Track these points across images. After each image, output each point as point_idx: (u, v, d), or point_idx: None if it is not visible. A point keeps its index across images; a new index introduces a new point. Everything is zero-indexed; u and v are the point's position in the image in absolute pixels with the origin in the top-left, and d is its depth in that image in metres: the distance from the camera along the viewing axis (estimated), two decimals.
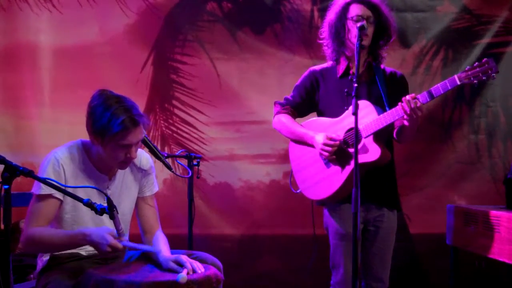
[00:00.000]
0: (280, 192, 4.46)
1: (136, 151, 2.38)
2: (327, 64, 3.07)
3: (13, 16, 4.56)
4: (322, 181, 2.93)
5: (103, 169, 2.44)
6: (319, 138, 2.88)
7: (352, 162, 2.47)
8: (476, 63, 2.65)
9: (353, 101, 2.48)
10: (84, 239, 2.22)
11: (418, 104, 2.67)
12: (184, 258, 2.30)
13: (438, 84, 2.68)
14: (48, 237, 2.28)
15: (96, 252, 2.34)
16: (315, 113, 3.13)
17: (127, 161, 2.39)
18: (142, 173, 2.57)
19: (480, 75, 2.64)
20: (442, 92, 2.68)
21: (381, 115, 2.77)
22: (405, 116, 2.71)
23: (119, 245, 2.19)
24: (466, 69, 2.65)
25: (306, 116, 3.15)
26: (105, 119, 2.25)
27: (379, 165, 2.82)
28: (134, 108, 2.30)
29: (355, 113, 2.47)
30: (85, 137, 2.41)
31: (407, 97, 2.68)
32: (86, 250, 2.46)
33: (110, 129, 2.24)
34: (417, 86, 4.26)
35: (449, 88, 2.66)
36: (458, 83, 2.64)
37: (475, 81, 2.64)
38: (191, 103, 4.62)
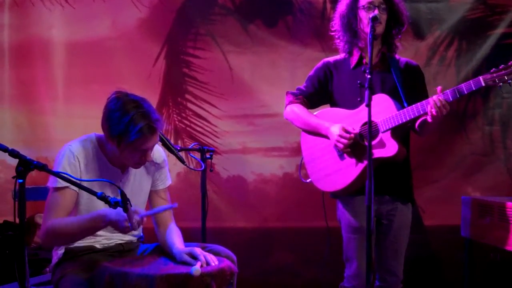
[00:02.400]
0: (293, 185, 4.45)
1: (151, 154, 2.39)
2: (340, 56, 3.05)
3: (26, 11, 4.58)
4: (335, 173, 2.92)
5: (117, 163, 2.45)
6: (335, 130, 2.86)
7: (367, 156, 2.46)
8: (502, 65, 2.61)
9: (366, 92, 2.47)
10: (103, 220, 2.22)
11: (444, 103, 2.63)
12: (198, 250, 2.30)
13: (463, 84, 2.64)
14: (66, 225, 2.29)
15: (111, 245, 2.36)
16: (325, 105, 3.12)
17: (141, 163, 2.40)
18: (155, 166, 2.57)
19: (506, 78, 2.59)
20: (466, 93, 2.64)
21: (401, 110, 2.74)
22: (429, 118, 2.67)
23: (137, 218, 2.20)
24: (492, 71, 2.61)
25: (317, 108, 3.13)
26: (123, 126, 2.24)
27: (395, 161, 2.80)
28: (152, 113, 2.29)
29: (368, 105, 2.46)
30: (99, 131, 2.42)
31: (434, 98, 2.64)
32: (100, 243, 2.48)
33: (127, 136, 2.24)
34: (431, 77, 4.22)
35: (474, 89, 2.62)
36: (483, 84, 2.60)
37: (500, 84, 2.61)
38: (203, 96, 4.62)
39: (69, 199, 2.36)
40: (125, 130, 2.24)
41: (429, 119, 2.70)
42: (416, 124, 2.87)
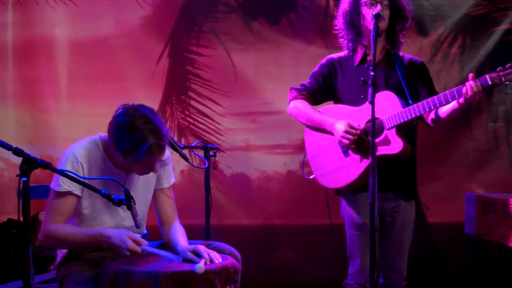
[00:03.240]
0: (297, 183, 4.44)
1: (157, 167, 2.39)
2: (344, 53, 3.04)
3: (30, 10, 4.59)
4: (339, 169, 2.91)
5: (121, 166, 2.45)
6: (340, 126, 2.85)
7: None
8: (508, 64, 2.59)
9: (370, 90, 2.46)
10: (104, 241, 2.24)
11: (480, 89, 2.58)
12: (201, 248, 2.30)
13: (493, 73, 2.61)
14: (66, 236, 2.31)
15: None
16: (329, 102, 3.11)
17: (147, 173, 2.41)
18: (159, 163, 2.57)
19: None
20: (490, 83, 2.60)
21: (407, 108, 2.73)
22: (462, 101, 2.61)
23: (138, 249, 2.21)
24: (498, 69, 2.58)
25: (320, 105, 3.13)
26: (132, 143, 2.22)
27: (399, 158, 2.79)
28: (161, 129, 2.27)
29: (371, 102, 2.45)
30: (103, 130, 2.41)
31: (471, 82, 2.59)
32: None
33: (135, 154, 2.24)
34: (435, 73, 4.18)
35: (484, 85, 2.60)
36: (490, 83, 2.58)
37: (506, 83, 2.59)
38: (207, 94, 4.62)
39: (70, 204, 2.36)
40: (133, 148, 2.23)
41: (457, 104, 2.65)
42: (429, 119, 2.86)
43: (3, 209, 4.37)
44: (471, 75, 2.63)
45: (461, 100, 2.62)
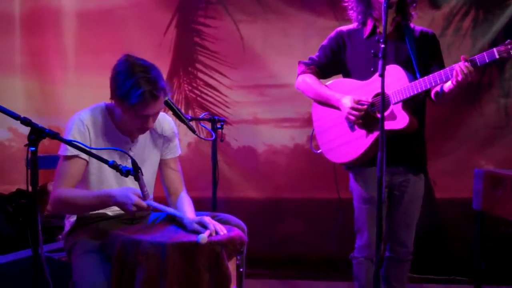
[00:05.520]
0: (304, 156, 4.44)
1: (153, 122, 2.38)
2: (354, 25, 3.00)
3: None
4: (346, 144, 2.91)
5: (126, 131, 2.45)
6: (346, 101, 2.84)
7: (378, 127, 2.43)
8: None
9: (380, 62, 2.43)
10: (110, 200, 2.24)
11: (470, 69, 2.55)
12: (207, 219, 2.31)
13: (476, 56, 2.58)
14: (74, 198, 2.31)
15: (122, 213, 2.37)
16: (338, 75, 3.09)
17: (143, 129, 2.40)
18: (163, 139, 2.57)
19: None
20: (479, 65, 2.57)
21: (414, 82, 2.70)
22: (454, 82, 2.60)
23: (144, 204, 2.20)
24: (506, 42, 2.54)
25: (329, 78, 3.10)
26: (126, 88, 2.24)
27: (405, 133, 2.77)
28: (157, 80, 2.27)
29: (381, 75, 2.43)
30: (109, 100, 2.41)
31: (460, 64, 2.57)
32: (112, 210, 2.50)
33: (129, 98, 2.24)
34: (445, 47, 4.12)
35: (487, 61, 2.55)
36: (497, 56, 2.53)
37: None
38: (214, 66, 4.59)
39: (78, 168, 2.37)
40: (128, 92, 2.23)
41: (452, 85, 2.63)
42: (432, 94, 2.83)
43: (12, 179, 4.40)
44: (463, 56, 2.59)
45: (453, 81, 2.59)
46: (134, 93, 2.22)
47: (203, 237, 2.14)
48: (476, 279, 3.36)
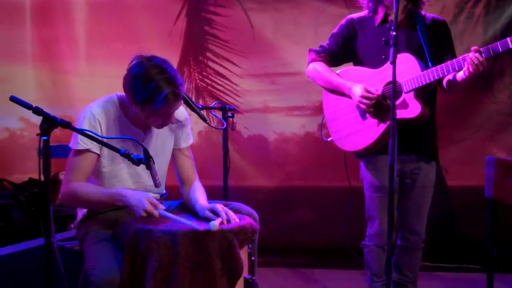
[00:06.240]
0: (315, 145, 4.43)
1: (174, 117, 2.38)
2: (365, 13, 2.98)
3: None
4: (357, 132, 2.90)
5: (139, 124, 2.45)
6: (357, 90, 2.82)
7: (390, 116, 2.42)
8: None
9: (391, 50, 2.41)
10: (121, 200, 2.25)
11: (481, 60, 2.54)
12: (219, 207, 2.32)
13: (489, 45, 2.54)
14: (87, 193, 2.32)
15: None
16: (348, 63, 3.07)
17: (165, 125, 2.41)
18: (177, 124, 2.57)
19: None
20: (492, 54, 2.55)
21: (426, 71, 2.68)
22: (466, 73, 2.58)
23: (155, 213, 2.21)
24: None
25: (340, 66, 3.09)
26: (148, 93, 2.22)
27: (417, 121, 2.76)
28: (176, 78, 2.26)
29: (393, 62, 2.41)
30: (120, 90, 2.40)
31: (471, 55, 2.55)
32: None
33: (152, 104, 2.24)
34: (457, 35, 4.11)
35: (500, 50, 2.52)
36: (510, 46, 2.50)
37: None
38: (224, 55, 4.58)
39: (89, 162, 2.37)
40: (150, 98, 2.23)
41: (464, 75, 2.62)
42: (444, 82, 2.81)
43: (24, 169, 4.44)
44: (473, 47, 2.56)
45: (465, 72, 2.58)
46: (157, 98, 2.21)
47: (215, 224, 2.15)
48: (488, 267, 3.35)
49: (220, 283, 2.13)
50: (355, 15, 3.00)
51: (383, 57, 2.82)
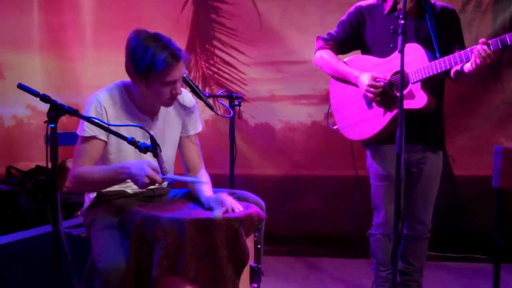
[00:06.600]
0: (321, 133, 4.43)
1: (180, 86, 2.38)
2: (374, 0, 2.96)
3: None
4: (363, 121, 2.89)
5: (145, 110, 2.45)
6: (364, 79, 2.81)
7: (396, 106, 2.41)
8: None
9: (399, 38, 2.40)
10: (124, 172, 2.24)
11: (488, 52, 2.53)
12: (224, 196, 2.32)
13: (498, 38, 2.53)
14: (91, 173, 2.32)
15: (141, 190, 2.38)
16: (356, 51, 3.05)
17: (173, 98, 2.39)
18: (185, 110, 2.56)
19: None
20: (500, 47, 2.53)
21: (434, 61, 2.66)
22: (473, 65, 2.57)
23: (157, 177, 2.18)
24: None
25: (347, 54, 3.07)
26: (148, 59, 2.23)
27: (423, 112, 2.75)
28: (171, 43, 2.29)
29: (401, 51, 2.39)
30: (127, 77, 2.40)
31: (479, 48, 2.53)
32: (131, 188, 2.51)
33: (154, 67, 2.24)
34: (466, 23, 4.07)
35: (509, 43, 2.50)
36: None
37: None
38: (231, 43, 4.57)
39: (97, 148, 2.37)
40: (151, 63, 2.23)
41: (471, 67, 2.61)
42: (452, 72, 2.79)
43: (31, 156, 4.46)
44: (481, 40, 2.54)
45: (473, 64, 2.55)
46: (157, 61, 2.22)
47: (218, 213, 2.15)
48: (495, 257, 3.34)
49: (226, 271, 2.13)
50: (364, 3, 2.98)
51: (391, 46, 2.81)
